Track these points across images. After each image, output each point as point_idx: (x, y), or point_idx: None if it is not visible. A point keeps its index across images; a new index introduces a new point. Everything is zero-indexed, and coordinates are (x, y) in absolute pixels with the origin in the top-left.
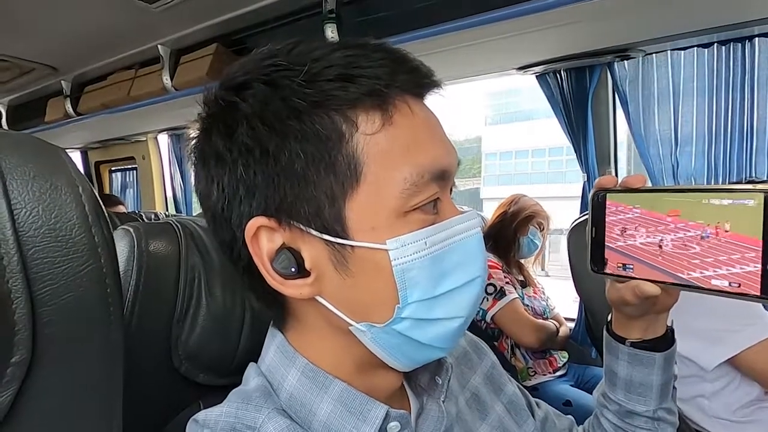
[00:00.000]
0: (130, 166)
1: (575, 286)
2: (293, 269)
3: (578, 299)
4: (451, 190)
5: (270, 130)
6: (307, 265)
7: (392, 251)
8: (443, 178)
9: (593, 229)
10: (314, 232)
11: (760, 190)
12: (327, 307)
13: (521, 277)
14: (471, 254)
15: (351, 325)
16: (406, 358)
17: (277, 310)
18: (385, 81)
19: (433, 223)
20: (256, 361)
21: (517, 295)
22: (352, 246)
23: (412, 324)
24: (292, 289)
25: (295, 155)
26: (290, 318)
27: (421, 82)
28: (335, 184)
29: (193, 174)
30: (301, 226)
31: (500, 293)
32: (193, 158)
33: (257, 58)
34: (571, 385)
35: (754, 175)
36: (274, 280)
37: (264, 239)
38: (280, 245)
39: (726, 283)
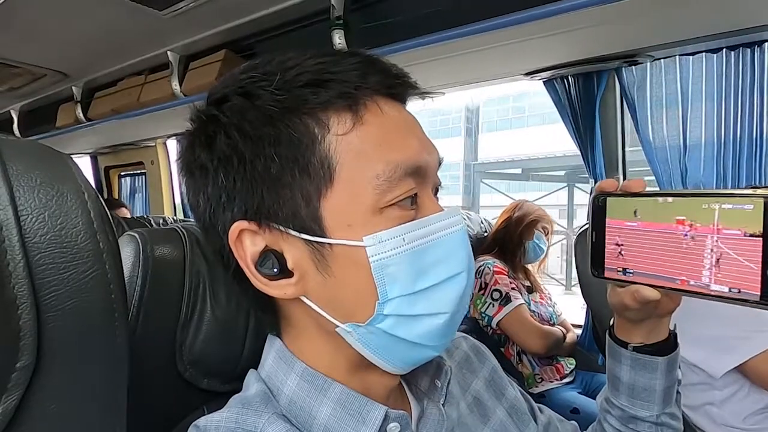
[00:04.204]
0: (139, 171)
1: (582, 293)
2: (275, 270)
3: (585, 306)
4: (437, 189)
5: (245, 138)
6: (290, 266)
7: (369, 247)
8: (419, 174)
9: (594, 233)
10: (293, 233)
11: (759, 195)
12: (312, 307)
13: (527, 283)
14: (453, 250)
15: (337, 326)
16: (397, 359)
17: (270, 315)
18: (355, 83)
19: (413, 219)
20: (258, 368)
21: (523, 301)
22: (330, 244)
23: (395, 321)
24: (276, 290)
25: (270, 160)
26: (284, 322)
27: (392, 83)
28: (310, 185)
29: (184, 186)
30: (281, 228)
31: (506, 299)
32: (182, 172)
33: (236, 73)
34: (579, 392)
35: (764, 181)
36: (259, 282)
37: (247, 242)
38: (263, 247)
39: (726, 289)
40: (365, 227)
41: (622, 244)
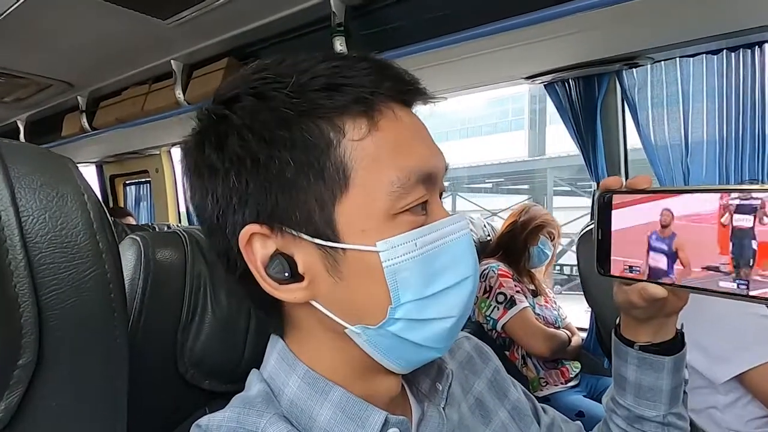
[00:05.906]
0: (143, 180)
1: (585, 296)
2: (286, 274)
3: (590, 309)
4: (441, 194)
5: (259, 140)
6: (300, 270)
7: (383, 253)
8: (430, 180)
9: (599, 230)
10: (306, 237)
11: (766, 190)
12: (321, 310)
13: (532, 286)
14: (461, 255)
15: (346, 327)
16: (402, 360)
17: (275, 317)
18: (370, 89)
19: (423, 225)
20: (260, 368)
21: (528, 304)
22: (343, 249)
23: (405, 325)
24: (286, 293)
25: (285, 163)
26: (288, 324)
27: (405, 89)
28: (325, 190)
29: (188, 188)
30: (293, 232)
31: (510, 302)
32: (188, 172)
33: (246, 73)
34: (584, 396)
35: (766, 180)
36: (268, 286)
37: (257, 246)
38: (274, 251)
39: (734, 286)
40: (378, 232)
41: (627, 242)
